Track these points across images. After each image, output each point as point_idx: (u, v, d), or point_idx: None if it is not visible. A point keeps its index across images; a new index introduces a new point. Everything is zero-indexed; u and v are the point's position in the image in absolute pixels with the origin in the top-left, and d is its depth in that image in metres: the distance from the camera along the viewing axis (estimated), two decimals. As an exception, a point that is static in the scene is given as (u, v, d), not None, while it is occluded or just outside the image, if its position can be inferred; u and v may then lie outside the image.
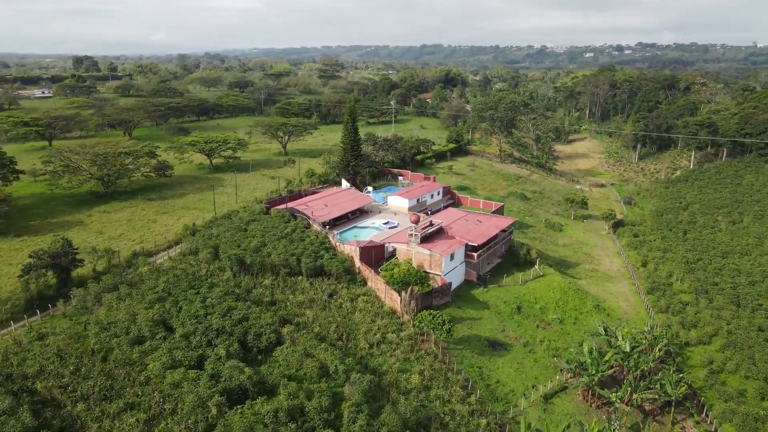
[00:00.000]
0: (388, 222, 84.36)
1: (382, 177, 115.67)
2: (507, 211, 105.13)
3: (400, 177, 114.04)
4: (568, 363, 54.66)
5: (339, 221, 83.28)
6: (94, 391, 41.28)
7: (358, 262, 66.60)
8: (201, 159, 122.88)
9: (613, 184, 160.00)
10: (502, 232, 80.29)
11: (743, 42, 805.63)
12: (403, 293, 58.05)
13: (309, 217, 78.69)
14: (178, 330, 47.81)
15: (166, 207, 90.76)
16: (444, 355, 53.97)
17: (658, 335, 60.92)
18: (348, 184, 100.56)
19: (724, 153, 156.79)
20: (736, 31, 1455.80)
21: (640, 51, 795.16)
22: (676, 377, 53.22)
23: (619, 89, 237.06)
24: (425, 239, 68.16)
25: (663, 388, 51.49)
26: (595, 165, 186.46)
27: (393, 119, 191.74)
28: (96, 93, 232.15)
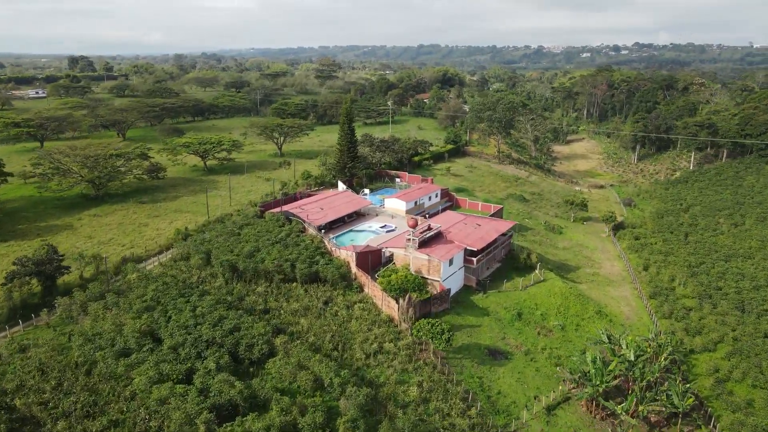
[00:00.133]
0: (385, 225, 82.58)
1: (379, 179, 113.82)
2: (506, 214, 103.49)
3: (397, 179, 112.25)
4: (571, 373, 52.89)
5: (335, 225, 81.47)
6: (76, 408, 39.20)
7: (354, 267, 64.73)
8: (195, 161, 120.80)
9: (613, 185, 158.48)
10: (501, 235, 78.57)
11: (739, 42, 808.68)
12: (401, 301, 56.22)
13: (304, 221, 76.86)
14: (166, 341, 45.77)
15: (158, 210, 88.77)
16: (443, 366, 52.17)
17: (662, 343, 59.16)
18: (344, 186, 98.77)
19: (724, 154, 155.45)
20: (731, 32, 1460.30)
21: (636, 51, 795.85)
22: (682, 387, 51.52)
23: (617, 89, 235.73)
24: (423, 244, 66.38)
25: (670, 399, 49.75)
26: (594, 166, 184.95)
27: (390, 120, 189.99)
28: (90, 93, 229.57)
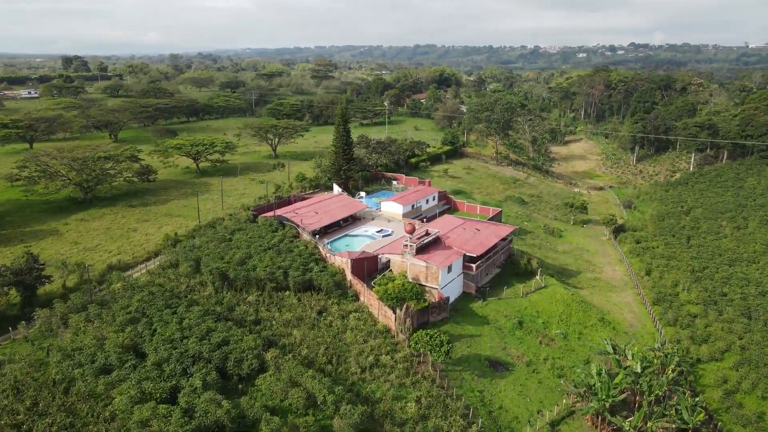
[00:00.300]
0: (381, 230, 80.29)
1: (375, 181, 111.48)
2: (505, 216, 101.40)
3: (394, 181, 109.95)
4: (576, 387, 50.71)
5: (330, 229, 79.17)
6: (52, 430, 36.76)
7: (349, 275, 62.37)
8: (188, 162, 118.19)
9: (612, 186, 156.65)
10: (501, 240, 76.34)
11: (734, 42, 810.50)
12: (398, 311, 53.90)
13: (298, 226, 74.49)
14: (150, 356, 43.28)
15: (148, 214, 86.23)
16: (442, 379, 49.89)
17: (669, 352, 57.14)
18: (340, 189, 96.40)
19: (724, 155, 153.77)
20: (727, 32, 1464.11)
21: (632, 51, 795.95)
22: (691, 401, 49.39)
23: (614, 90, 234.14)
24: (421, 250, 64.05)
25: (679, 414, 47.60)
26: (593, 167, 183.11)
27: (387, 120, 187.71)
28: (84, 93, 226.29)
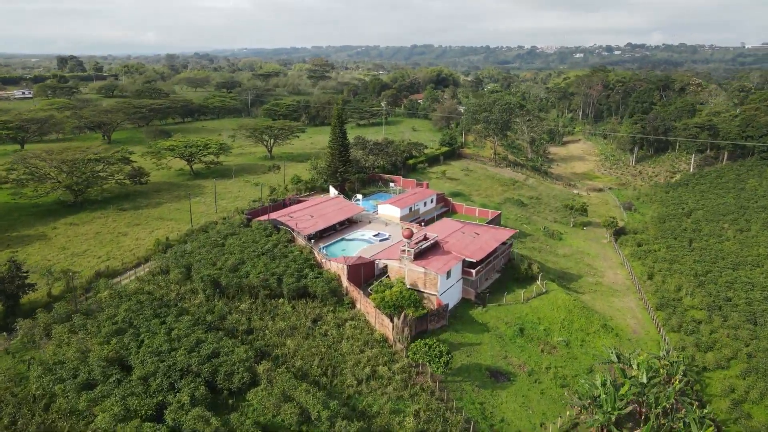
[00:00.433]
0: (378, 234, 78.41)
1: (372, 183, 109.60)
2: (504, 219, 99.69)
3: (391, 183, 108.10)
4: (580, 399, 48.95)
5: (326, 233, 77.26)
6: (30, 451, 34.93)
7: (345, 281, 60.50)
8: (181, 164, 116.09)
9: (611, 188, 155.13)
10: (501, 245, 74.61)
11: (731, 43, 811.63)
12: (396, 320, 52.07)
13: (293, 230, 72.57)
14: (136, 370, 41.29)
15: (139, 218, 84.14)
16: (441, 391, 48.07)
17: (674, 361, 55.55)
18: (336, 191, 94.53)
19: (724, 156, 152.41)
20: (724, 32, 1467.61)
21: (629, 51, 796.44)
22: (699, 413, 47.73)
23: (613, 90, 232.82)
24: (419, 255, 62.26)
25: (687, 427, 45.92)
26: (591, 168, 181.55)
27: (384, 121, 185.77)
28: (78, 94, 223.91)
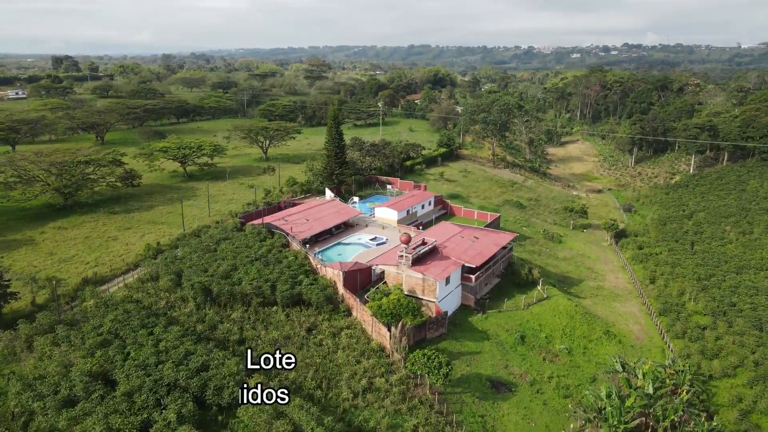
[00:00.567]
0: (375, 238, 76.57)
1: (369, 185, 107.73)
2: (503, 221, 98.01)
3: (388, 185, 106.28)
4: (585, 411, 47.18)
5: (321, 237, 75.43)
6: (6, 473, 33.04)
7: (341, 288, 58.65)
8: (175, 166, 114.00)
9: (611, 189, 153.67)
10: (501, 249, 72.85)
11: (727, 43, 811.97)
12: (393, 328, 50.24)
13: (288, 234, 70.72)
14: (120, 385, 39.31)
15: (130, 221, 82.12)
16: (441, 404, 46.27)
17: (680, 369, 53.87)
18: (332, 194, 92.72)
19: (724, 157, 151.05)
20: (719, 33, 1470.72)
21: (626, 52, 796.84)
22: (708, 426, 46.03)
23: (610, 90, 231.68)
24: (417, 261, 60.46)
25: (696, 441, 44.27)
26: (590, 169, 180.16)
27: (381, 122, 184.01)
28: (73, 94, 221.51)
